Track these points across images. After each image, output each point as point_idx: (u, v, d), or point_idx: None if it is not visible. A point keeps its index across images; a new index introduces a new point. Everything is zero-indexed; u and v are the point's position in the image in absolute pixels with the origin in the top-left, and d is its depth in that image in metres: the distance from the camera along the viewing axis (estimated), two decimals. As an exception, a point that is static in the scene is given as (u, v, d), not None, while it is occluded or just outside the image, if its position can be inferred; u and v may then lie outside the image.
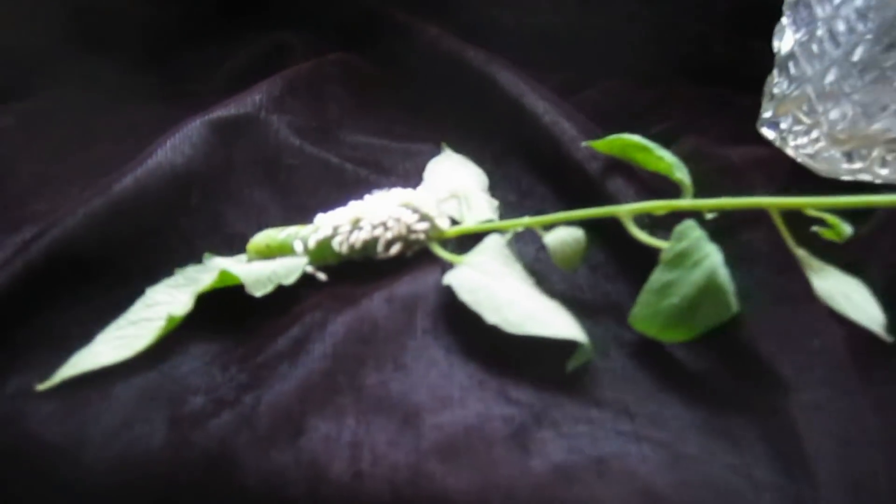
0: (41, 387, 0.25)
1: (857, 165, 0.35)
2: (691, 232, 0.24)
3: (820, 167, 0.36)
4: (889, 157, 0.35)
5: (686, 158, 0.34)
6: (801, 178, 0.36)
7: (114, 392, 0.25)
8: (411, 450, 0.22)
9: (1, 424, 0.25)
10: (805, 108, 0.36)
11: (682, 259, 0.24)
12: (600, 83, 0.44)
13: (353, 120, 0.39)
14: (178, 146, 0.32)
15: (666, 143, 0.36)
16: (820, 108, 0.35)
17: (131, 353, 0.26)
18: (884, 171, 0.35)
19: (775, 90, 0.37)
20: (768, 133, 0.38)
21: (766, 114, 0.38)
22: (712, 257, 0.24)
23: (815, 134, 0.36)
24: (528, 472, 0.21)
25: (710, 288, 0.23)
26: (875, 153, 0.35)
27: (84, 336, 0.26)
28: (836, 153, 0.35)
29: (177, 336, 0.26)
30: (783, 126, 0.37)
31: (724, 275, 0.24)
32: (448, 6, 0.46)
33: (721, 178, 0.33)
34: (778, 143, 0.38)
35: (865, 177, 0.35)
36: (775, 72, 0.37)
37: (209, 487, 0.23)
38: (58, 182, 0.37)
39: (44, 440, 0.24)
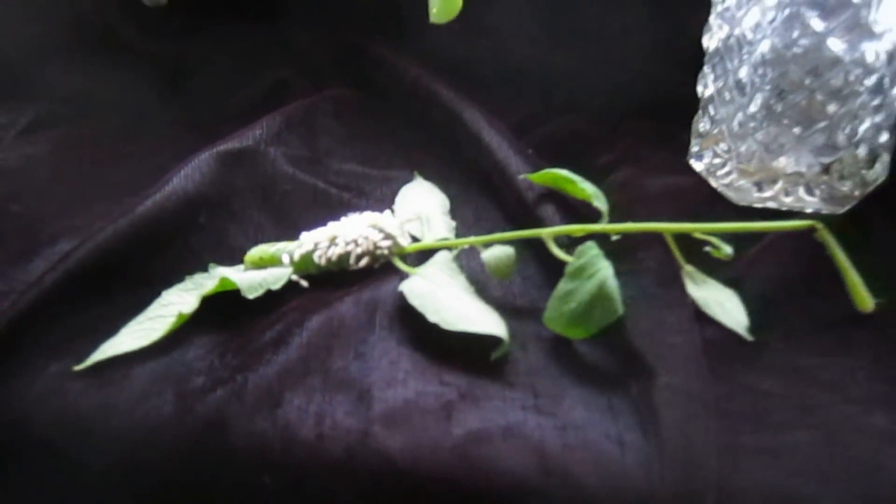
0: (77, 368, 0.32)
1: (767, 194, 0.42)
2: (589, 251, 0.31)
3: (735, 196, 0.42)
4: (790, 188, 0.41)
5: (619, 186, 0.41)
6: (720, 206, 0.42)
7: (134, 372, 0.32)
8: (362, 418, 0.29)
9: (47, 397, 0.32)
10: (721, 144, 0.42)
11: (580, 272, 0.31)
12: (560, 118, 0.50)
13: (340, 149, 0.46)
14: (189, 174, 0.39)
15: (607, 172, 0.44)
16: (732, 146, 0.42)
17: (148, 343, 0.33)
18: (788, 200, 0.41)
19: (700, 128, 0.44)
20: (696, 165, 0.45)
21: (694, 148, 0.45)
22: (604, 271, 0.31)
23: (729, 167, 0.42)
24: (449, 435, 0.28)
25: (600, 296, 0.30)
26: (779, 185, 0.41)
27: (111, 329, 0.33)
28: (747, 184, 0.42)
29: (184, 329, 0.34)
30: (706, 160, 0.44)
31: (612, 286, 0.30)
32: (433, 47, 0.53)
33: (641, 205, 0.40)
34: (704, 174, 0.44)
35: (773, 204, 0.42)
36: (700, 112, 0.44)
37: (207, 445, 0.30)
38: (89, 201, 0.44)
39: (79, 410, 0.31)
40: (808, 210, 0.41)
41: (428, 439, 0.28)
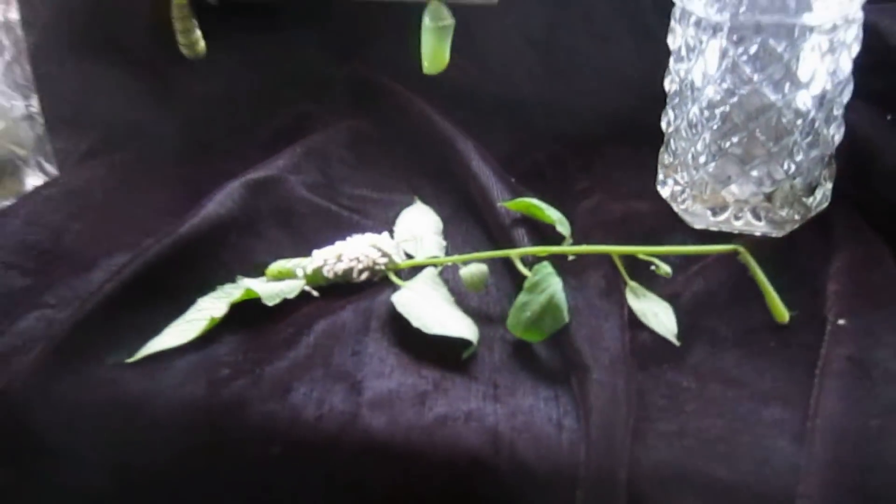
0: (129, 360, 0.40)
1: (720, 219, 0.48)
2: (543, 269, 0.38)
3: (693, 220, 0.49)
4: (739, 214, 0.47)
5: (589, 211, 0.47)
6: (680, 228, 0.49)
7: (174, 364, 0.40)
8: (354, 403, 0.36)
9: (105, 382, 0.40)
10: (680, 174, 0.49)
11: (535, 287, 0.38)
12: (546, 146, 0.57)
13: (352, 176, 0.54)
14: (222, 200, 0.47)
15: (582, 198, 0.50)
16: (688, 176, 0.48)
17: (186, 340, 0.41)
18: (738, 224, 0.48)
19: (664, 160, 0.51)
20: (662, 191, 0.51)
21: (660, 177, 0.51)
22: (554, 286, 0.38)
23: (687, 194, 0.49)
24: (421, 418, 0.35)
25: (550, 307, 0.37)
26: (729, 211, 0.48)
27: (156, 328, 0.41)
28: (702, 209, 0.48)
29: (215, 330, 0.41)
30: (669, 187, 0.50)
31: (560, 299, 0.37)
32: (436, 82, 0.60)
33: (606, 229, 0.46)
34: (668, 200, 0.51)
35: (726, 228, 0.48)
36: (663, 146, 0.51)
37: (230, 422, 0.37)
38: (139, 220, 0.52)
39: (130, 393, 0.39)
40: (757, 233, 0.48)
41: (405, 421, 0.36)
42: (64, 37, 0.58)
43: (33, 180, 0.56)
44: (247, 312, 0.42)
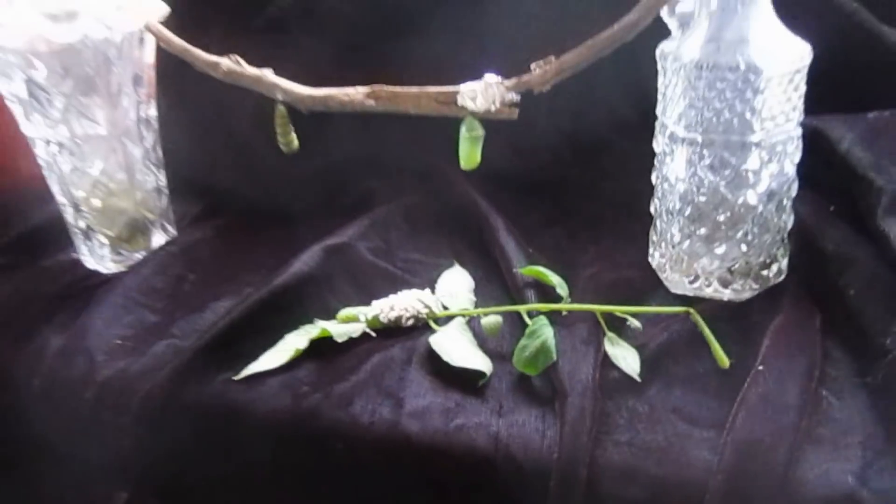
0: (235, 378, 0.55)
1: (694, 285, 0.62)
2: (540, 321, 0.53)
3: (673, 286, 0.62)
4: (708, 282, 0.61)
5: (588, 278, 0.62)
6: (662, 291, 0.62)
7: (267, 382, 0.55)
8: (397, 414, 0.51)
9: (217, 395, 0.55)
10: (663, 249, 0.63)
11: (532, 334, 0.52)
12: (565, 222, 0.72)
13: (405, 243, 0.69)
14: (306, 260, 0.63)
15: (584, 267, 0.64)
16: (668, 251, 0.62)
17: (277, 365, 0.56)
18: (708, 290, 0.61)
19: (652, 236, 0.64)
20: (651, 262, 0.65)
21: (650, 250, 0.65)
22: (547, 334, 0.52)
23: (667, 265, 0.62)
24: (445, 426, 0.50)
25: (542, 349, 0.51)
26: (701, 280, 0.61)
27: (255, 355, 0.57)
28: (680, 278, 0.62)
29: (299, 359, 0.56)
30: (656, 259, 0.64)
31: (550, 343, 0.51)
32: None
33: (599, 291, 0.60)
34: (656, 269, 0.64)
35: (698, 293, 0.61)
36: (651, 226, 0.64)
37: (308, 426, 0.52)
38: (240, 273, 0.68)
39: (236, 403, 0.54)
40: (724, 298, 0.61)
41: (433, 428, 0.50)
42: (186, 126, 0.76)
43: (158, 239, 0.73)
44: (322, 346, 0.57)
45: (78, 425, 0.58)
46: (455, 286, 0.63)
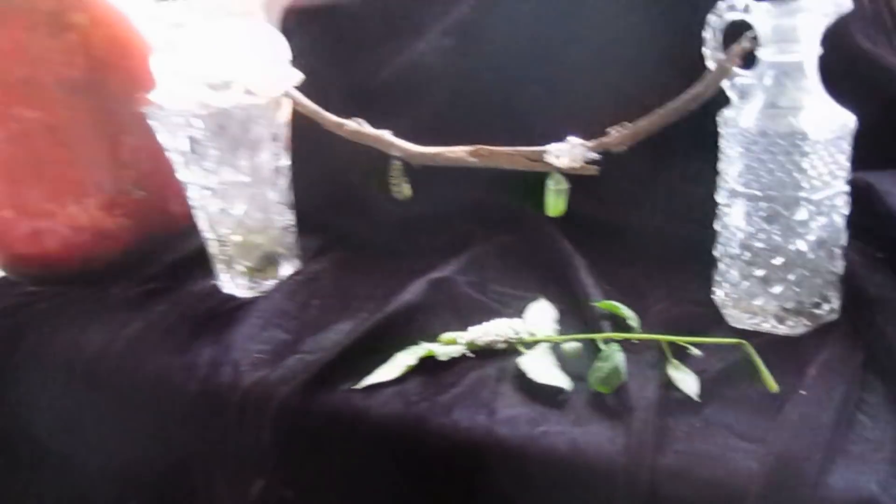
0: (355, 387, 0.67)
1: (753, 321, 0.70)
2: (612, 347, 0.63)
3: (733, 321, 0.71)
4: (766, 318, 0.69)
5: (657, 312, 0.71)
6: (724, 326, 0.71)
7: (382, 392, 0.66)
8: (490, 421, 0.62)
9: (339, 402, 0.67)
10: (724, 289, 0.72)
11: (606, 358, 0.62)
12: (637, 262, 0.81)
13: (498, 278, 0.80)
14: (413, 291, 0.75)
15: (654, 303, 0.74)
16: (729, 290, 0.71)
17: (390, 378, 0.67)
18: (766, 325, 0.70)
19: (715, 277, 0.74)
20: (714, 299, 0.74)
21: (714, 288, 0.74)
22: (618, 359, 0.62)
23: (729, 302, 0.71)
24: (531, 432, 0.60)
25: (614, 371, 0.61)
26: (758, 316, 0.70)
27: (370, 369, 0.68)
28: (739, 313, 0.71)
29: (408, 374, 0.68)
30: (719, 295, 0.73)
31: (621, 367, 0.61)
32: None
33: (667, 324, 0.70)
34: (718, 306, 0.73)
35: (756, 328, 0.70)
36: (715, 267, 0.74)
37: (416, 430, 0.63)
38: (355, 301, 0.81)
39: (355, 409, 0.66)
40: (780, 333, 0.69)
41: (521, 434, 0.60)
42: (312, 174, 0.89)
43: (286, 269, 0.86)
44: (427, 364, 0.69)
45: (226, 423, 0.71)
46: (540, 316, 0.73)
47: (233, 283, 0.85)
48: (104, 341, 0.79)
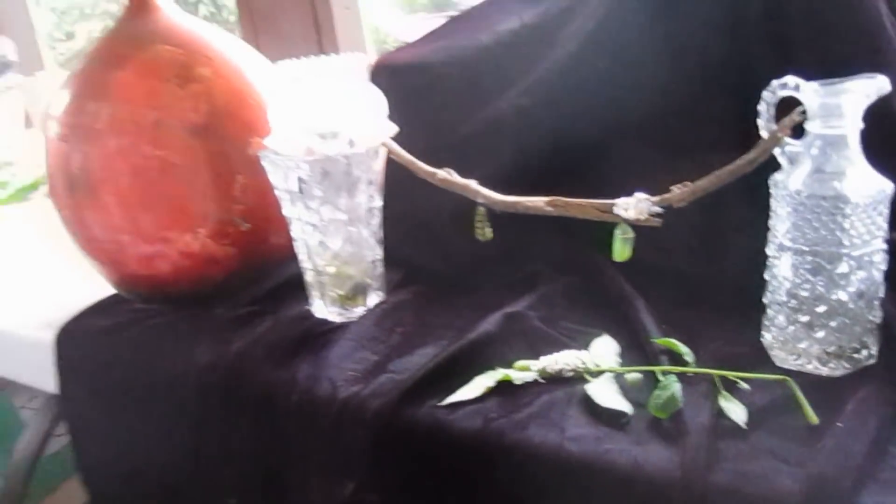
0: (439, 404, 0.77)
1: (798, 362, 0.79)
2: (670, 378, 0.72)
3: (780, 362, 0.80)
4: (809, 360, 0.78)
5: (712, 352, 0.80)
6: (770, 365, 0.80)
7: (463, 409, 0.76)
8: (560, 439, 0.71)
9: (426, 417, 0.77)
10: (771, 332, 0.80)
11: (664, 387, 0.71)
12: (693, 305, 0.90)
13: (566, 314, 0.90)
14: (490, 322, 0.85)
15: (710, 341, 0.83)
16: (776, 333, 0.79)
17: (470, 398, 0.77)
18: (809, 366, 0.78)
19: (763, 320, 0.82)
20: (762, 341, 0.82)
21: (762, 331, 0.83)
22: (675, 388, 0.71)
23: (775, 344, 0.80)
24: (597, 449, 0.69)
25: (671, 399, 0.70)
26: (803, 358, 0.78)
27: (452, 389, 0.78)
28: (784, 355, 0.79)
29: (487, 395, 0.77)
30: (767, 339, 0.82)
31: (678, 395, 0.70)
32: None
33: (720, 361, 0.79)
34: (766, 347, 0.82)
35: (800, 369, 0.78)
36: (763, 312, 0.82)
37: (492, 444, 0.73)
38: (439, 329, 0.91)
39: (437, 423, 0.76)
40: (822, 374, 0.78)
41: (588, 451, 0.69)
42: (399, 214, 1.00)
43: (373, 299, 0.97)
44: (503, 387, 0.78)
45: (322, 431, 0.81)
46: (604, 349, 0.83)
47: (325, 308, 0.96)
48: (214, 356, 0.91)
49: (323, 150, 0.88)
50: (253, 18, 1.91)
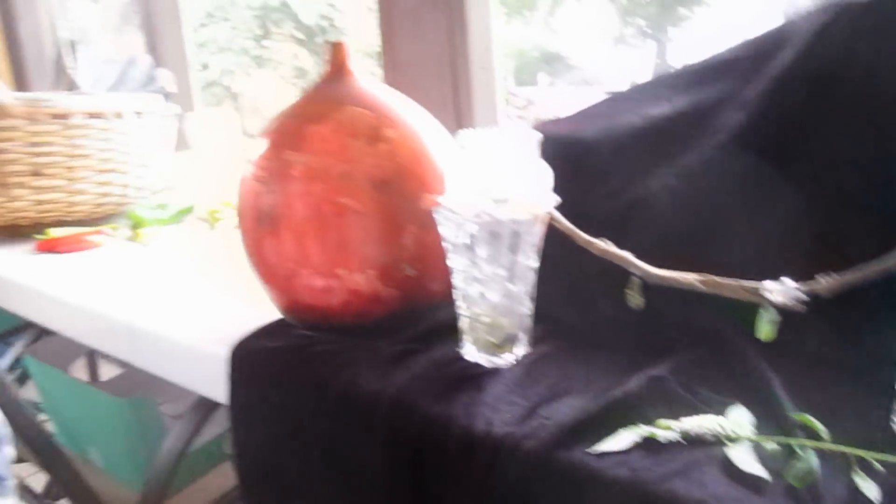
0: (588, 451, 0.86)
1: (924, 449, 0.85)
2: (808, 452, 0.79)
3: (907, 447, 0.86)
4: (935, 449, 0.84)
5: (846, 429, 0.88)
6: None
7: (611, 458, 0.85)
8: (704, 495, 0.79)
9: (577, 460, 0.86)
10: (894, 416, 0.87)
11: (802, 460, 0.79)
12: (828, 390, 0.97)
13: (703, 383, 0.98)
14: (635, 382, 0.94)
15: (841, 420, 0.90)
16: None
17: (616, 450, 0.86)
18: (935, 455, 0.85)
19: (894, 407, 0.89)
20: (893, 426, 0.89)
21: (892, 416, 0.89)
22: (812, 461, 0.79)
23: (904, 431, 0.87)
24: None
25: (809, 470, 0.78)
26: (929, 444, 0.85)
27: (600, 438, 0.87)
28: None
29: (631, 448, 0.86)
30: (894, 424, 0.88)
31: (816, 467, 0.78)
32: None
33: (854, 440, 0.86)
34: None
35: (926, 455, 0.85)
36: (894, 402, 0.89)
37: (640, 492, 0.81)
38: (582, 383, 1.00)
39: (589, 468, 0.85)
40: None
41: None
42: (550, 276, 1.11)
43: (519, 349, 1.07)
44: (647, 443, 0.87)
45: (477, 465, 0.91)
46: (741, 418, 0.91)
47: (476, 353, 1.06)
48: (378, 386, 1.02)
49: (494, 213, 0.99)
50: (395, 73, 2.08)
